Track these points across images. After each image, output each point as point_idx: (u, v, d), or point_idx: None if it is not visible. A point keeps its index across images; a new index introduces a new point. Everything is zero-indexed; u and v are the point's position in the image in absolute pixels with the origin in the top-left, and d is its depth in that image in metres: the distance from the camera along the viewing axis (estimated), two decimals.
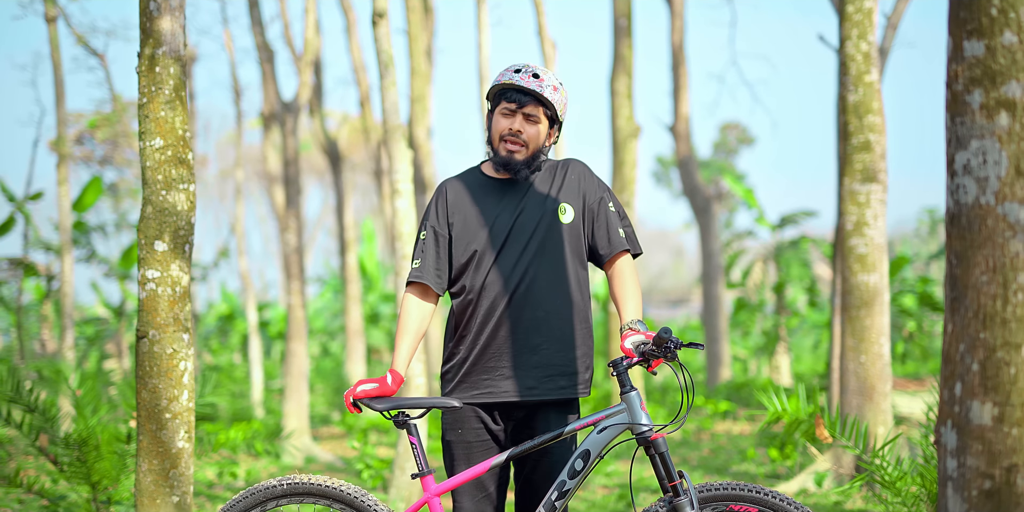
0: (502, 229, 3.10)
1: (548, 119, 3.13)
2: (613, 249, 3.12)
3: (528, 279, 3.08)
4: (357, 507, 3.09)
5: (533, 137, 3.10)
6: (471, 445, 3.10)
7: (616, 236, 3.13)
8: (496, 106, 3.14)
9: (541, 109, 3.10)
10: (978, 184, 1.84)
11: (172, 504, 3.66)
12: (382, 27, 5.94)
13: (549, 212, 3.11)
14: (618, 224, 3.16)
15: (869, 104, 6.15)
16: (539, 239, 3.09)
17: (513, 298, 3.07)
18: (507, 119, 3.10)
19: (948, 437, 1.89)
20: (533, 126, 3.10)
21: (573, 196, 3.14)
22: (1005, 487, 1.83)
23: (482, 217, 3.12)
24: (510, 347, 3.07)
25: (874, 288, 6.09)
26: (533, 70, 3.11)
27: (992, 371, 1.83)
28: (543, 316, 3.08)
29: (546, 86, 3.08)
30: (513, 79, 3.08)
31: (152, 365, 3.66)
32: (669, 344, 2.80)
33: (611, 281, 3.13)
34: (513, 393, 3.06)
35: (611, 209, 3.16)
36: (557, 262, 3.09)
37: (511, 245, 3.09)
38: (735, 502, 2.91)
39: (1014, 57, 1.82)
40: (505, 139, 3.10)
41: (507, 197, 3.14)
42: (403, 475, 5.94)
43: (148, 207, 3.68)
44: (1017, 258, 1.82)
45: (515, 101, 3.08)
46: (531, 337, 3.07)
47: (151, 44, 3.68)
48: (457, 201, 3.16)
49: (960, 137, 1.87)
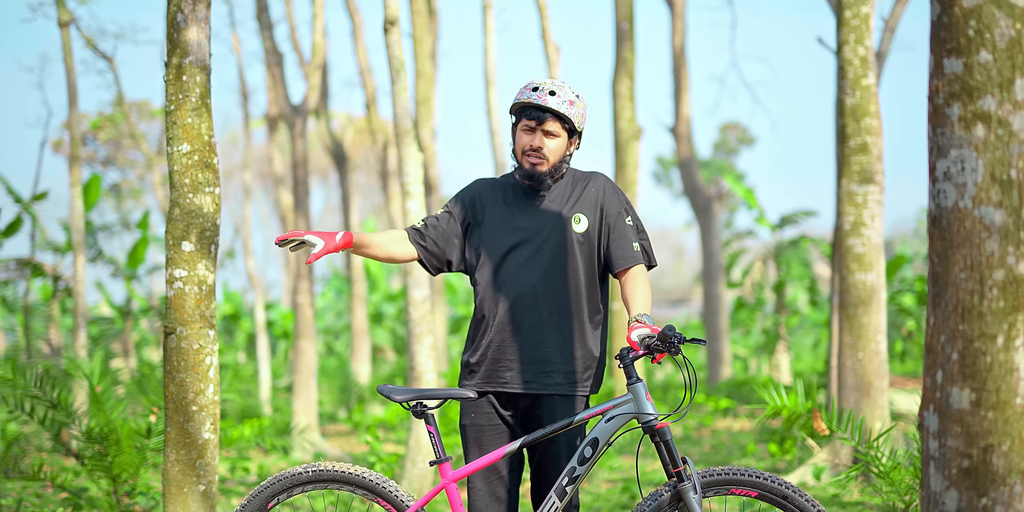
0: (518, 232, 3.32)
1: (567, 131, 3.33)
2: (627, 262, 3.32)
3: (536, 281, 3.28)
4: (379, 493, 3.27)
5: (553, 151, 3.31)
6: (483, 428, 3.31)
7: (630, 250, 3.33)
8: (518, 122, 3.36)
9: (559, 124, 3.30)
10: (957, 189, 2.03)
11: (199, 493, 3.83)
12: (393, 34, 6.11)
13: (564, 220, 3.32)
14: (634, 238, 3.35)
15: (866, 107, 6.32)
16: (550, 244, 3.30)
17: (522, 297, 3.28)
18: (528, 135, 3.31)
19: (930, 420, 2.07)
20: (553, 140, 3.31)
21: (590, 208, 3.35)
22: (982, 465, 2.01)
23: (502, 218, 3.35)
24: (515, 342, 3.28)
25: (871, 287, 6.26)
26: (550, 87, 3.30)
27: (970, 360, 2.02)
28: (547, 316, 3.28)
29: (562, 102, 3.27)
30: (531, 98, 3.28)
31: (180, 360, 3.83)
32: (673, 339, 2.99)
33: (623, 286, 3.33)
34: (514, 384, 3.28)
35: (628, 223, 3.36)
36: (565, 268, 3.30)
37: (524, 247, 3.30)
38: (736, 486, 3.09)
39: (989, 74, 2.00)
40: (528, 154, 3.31)
41: (529, 202, 3.36)
42: (414, 468, 6.11)
43: (176, 209, 3.85)
44: (992, 257, 2.00)
45: (535, 118, 3.28)
46: (533, 335, 3.28)
47: (178, 54, 3.85)
48: (484, 198, 3.39)
49: (941, 146, 2.05)
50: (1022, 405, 2.01)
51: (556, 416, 3.28)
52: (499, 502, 3.29)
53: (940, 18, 2.05)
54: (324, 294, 22.68)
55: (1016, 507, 2.01)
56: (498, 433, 3.31)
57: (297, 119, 10.11)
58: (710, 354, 14.59)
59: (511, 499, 3.31)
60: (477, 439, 3.31)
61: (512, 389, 3.28)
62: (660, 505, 3.09)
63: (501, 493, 3.29)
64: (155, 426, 5.67)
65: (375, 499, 3.31)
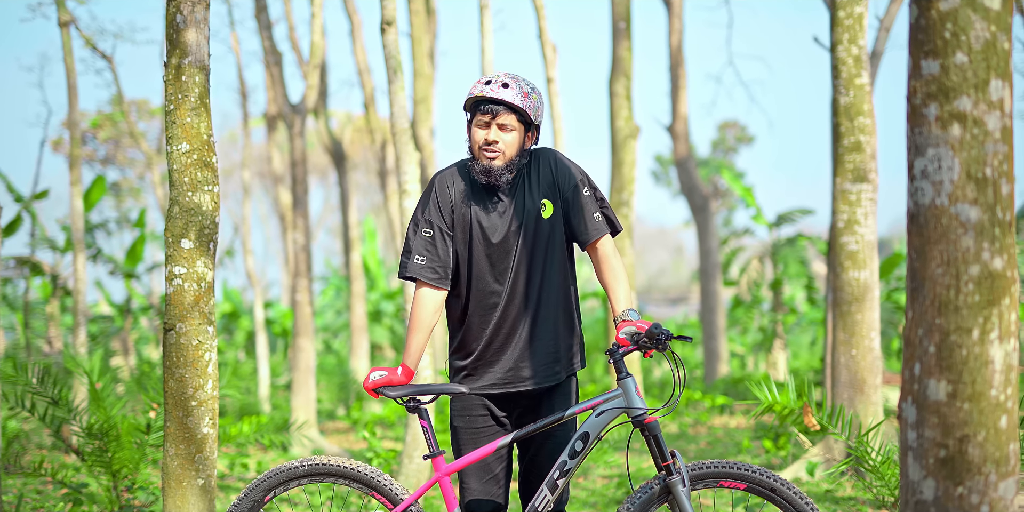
0: (493, 232, 3.30)
1: (523, 124, 3.30)
2: (591, 235, 3.32)
3: (523, 277, 3.30)
4: (374, 487, 3.33)
5: (509, 144, 3.27)
6: (478, 431, 3.34)
7: (592, 222, 3.32)
8: (472, 117, 3.32)
9: (514, 117, 3.26)
10: (934, 187, 2.09)
11: (197, 487, 3.88)
12: (390, 34, 6.17)
13: (535, 211, 3.30)
14: (594, 208, 3.34)
15: (860, 106, 6.37)
16: (528, 239, 3.29)
17: (510, 297, 3.30)
18: (483, 130, 3.28)
19: (908, 412, 2.13)
20: (508, 134, 3.27)
21: (549, 190, 3.33)
22: (958, 455, 2.08)
23: (478, 221, 3.31)
24: (511, 342, 3.30)
25: (864, 284, 6.31)
26: (503, 80, 3.27)
27: (946, 353, 2.08)
28: (538, 311, 3.30)
29: (516, 94, 3.24)
30: (483, 91, 3.26)
31: (179, 356, 3.89)
32: (661, 337, 3.06)
33: (596, 266, 3.34)
34: (519, 384, 3.30)
35: (585, 194, 3.33)
36: (545, 257, 3.31)
37: (503, 246, 3.30)
38: (724, 479, 3.16)
39: (965, 75, 2.06)
40: (483, 149, 3.28)
41: (498, 200, 3.32)
42: (411, 463, 6.17)
43: (175, 207, 3.91)
44: (968, 252, 2.06)
45: (488, 112, 3.26)
46: (528, 331, 3.30)
47: (178, 54, 3.91)
48: (452, 198, 3.34)
49: (918, 145, 2.11)
50: (996, 397, 2.07)
51: (555, 406, 3.33)
52: (491, 497, 3.35)
53: (918, 21, 2.11)
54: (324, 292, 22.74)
55: (991, 495, 2.07)
56: (492, 434, 3.34)
57: (296, 118, 10.17)
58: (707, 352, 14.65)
59: (502, 494, 3.37)
60: (473, 442, 3.33)
61: (513, 389, 3.30)
62: (650, 498, 3.15)
63: (493, 489, 3.34)
64: (155, 422, 5.73)
65: (370, 493, 3.37)
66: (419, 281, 3.31)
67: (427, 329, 3.31)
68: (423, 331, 3.30)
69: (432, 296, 3.31)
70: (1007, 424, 2.09)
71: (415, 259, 3.31)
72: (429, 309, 3.30)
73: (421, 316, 3.30)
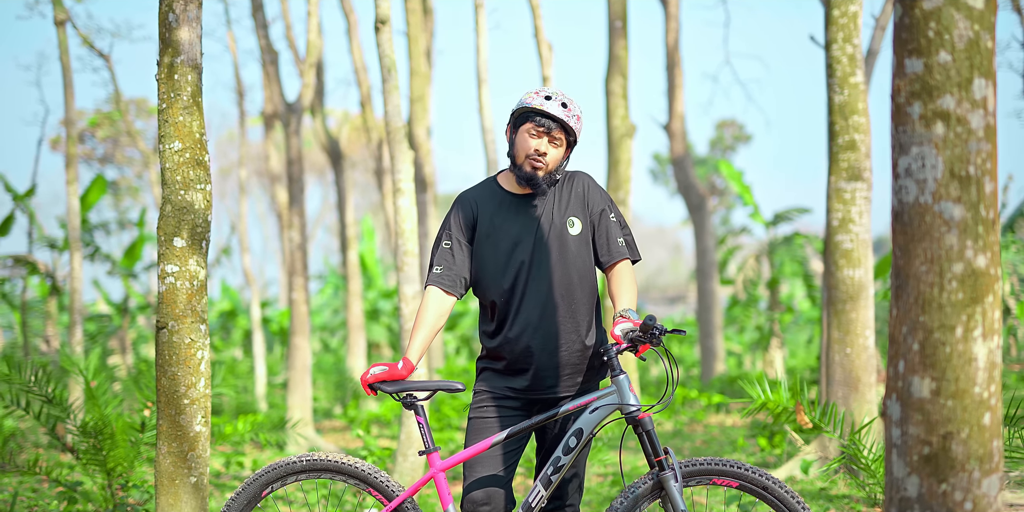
0: (521, 243, 3.40)
1: (567, 143, 3.43)
2: (612, 257, 3.44)
3: (545, 288, 3.38)
4: (370, 483, 3.34)
5: (554, 159, 3.40)
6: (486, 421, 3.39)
7: (616, 245, 3.44)
8: (521, 125, 3.42)
9: (564, 135, 3.40)
10: (918, 185, 2.10)
11: (190, 485, 3.89)
12: (384, 33, 6.18)
13: (560, 226, 3.41)
14: (618, 234, 3.46)
15: (854, 105, 6.38)
16: (554, 252, 3.39)
17: (536, 304, 3.37)
18: (536, 139, 3.39)
19: (893, 409, 2.14)
20: (556, 149, 3.40)
21: (579, 208, 3.45)
22: (941, 452, 2.09)
23: (502, 231, 3.42)
24: (533, 350, 3.37)
25: (859, 283, 6.32)
26: (562, 99, 3.40)
27: (930, 350, 2.09)
28: (561, 322, 3.38)
29: (571, 116, 3.39)
30: (545, 106, 3.37)
31: (171, 354, 3.90)
32: (654, 330, 3.08)
33: (609, 282, 3.44)
34: (541, 392, 3.38)
35: (612, 219, 3.46)
36: (571, 271, 3.40)
37: (530, 258, 3.39)
38: (716, 476, 3.17)
39: (948, 74, 2.07)
40: (531, 157, 3.38)
41: (524, 212, 3.44)
42: (405, 461, 6.18)
43: (167, 206, 3.92)
44: (952, 250, 2.07)
45: (543, 126, 3.37)
46: (550, 341, 3.37)
47: (170, 53, 3.92)
48: (479, 215, 3.46)
49: (902, 144, 2.12)
50: (980, 394, 2.08)
51: None
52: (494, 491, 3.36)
53: (902, 19, 2.12)
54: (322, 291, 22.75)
55: (974, 492, 2.08)
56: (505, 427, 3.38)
57: (292, 117, 10.18)
58: (704, 350, 14.66)
59: (506, 488, 3.39)
60: (479, 430, 3.38)
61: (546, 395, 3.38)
62: (642, 493, 3.17)
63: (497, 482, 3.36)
64: (149, 420, 5.74)
65: (366, 489, 3.38)
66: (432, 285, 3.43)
67: (432, 329, 3.40)
68: (428, 329, 3.39)
69: (439, 299, 3.41)
70: (990, 421, 2.10)
71: (435, 270, 3.46)
72: (435, 311, 3.40)
73: (426, 316, 3.39)
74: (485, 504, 3.31)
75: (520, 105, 3.42)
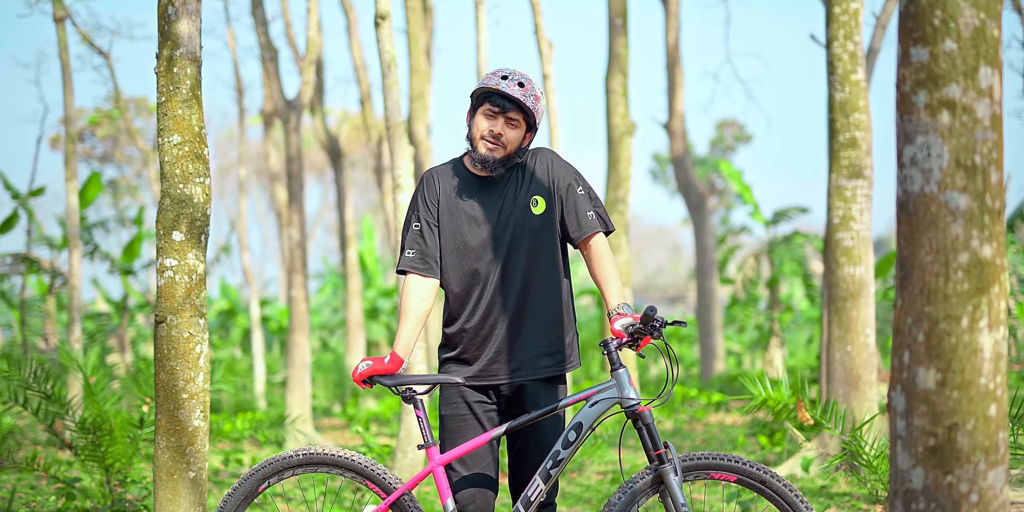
0: (483, 224, 3.33)
1: (526, 124, 3.35)
2: (583, 232, 3.35)
3: (510, 269, 3.31)
4: (368, 476, 3.32)
5: (511, 140, 3.32)
6: (464, 418, 3.34)
7: (585, 219, 3.35)
8: (479, 106, 3.35)
9: (522, 115, 3.32)
10: (923, 175, 2.08)
11: (188, 479, 3.87)
12: (384, 28, 6.16)
13: (523, 206, 3.33)
14: (588, 207, 3.37)
15: (855, 102, 6.36)
16: (518, 232, 3.32)
17: (497, 288, 3.31)
18: (489, 121, 3.32)
19: (898, 400, 2.12)
20: (513, 130, 3.32)
21: (543, 187, 3.37)
22: (947, 444, 2.06)
23: (466, 212, 3.35)
24: (496, 333, 3.31)
25: (860, 280, 6.30)
26: (519, 78, 3.32)
27: (935, 341, 2.07)
28: (524, 303, 3.31)
29: (529, 96, 3.31)
30: (500, 85, 3.29)
31: (170, 348, 3.88)
32: (655, 322, 3.05)
33: (589, 263, 3.36)
34: (502, 376, 3.31)
35: (580, 192, 3.37)
36: (535, 252, 3.33)
37: (491, 240, 3.32)
38: (715, 470, 3.15)
39: (954, 62, 2.05)
40: (485, 138, 3.32)
41: (487, 193, 3.37)
42: (404, 458, 6.16)
43: (166, 199, 3.90)
44: (957, 240, 2.05)
45: (499, 106, 3.30)
46: (514, 323, 3.31)
47: (169, 46, 3.90)
48: (442, 194, 3.39)
49: (908, 133, 2.10)
50: (986, 385, 2.06)
51: (540, 399, 3.32)
52: (480, 487, 3.34)
53: (907, 8, 2.10)
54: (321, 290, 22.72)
55: (980, 484, 2.06)
56: (480, 423, 3.34)
57: (292, 113, 10.16)
58: (703, 349, 14.65)
59: (491, 485, 3.36)
60: (459, 429, 3.34)
61: (499, 381, 3.31)
62: (642, 487, 3.14)
63: (482, 479, 3.34)
64: (148, 416, 5.72)
65: (364, 482, 3.36)
66: (408, 271, 3.37)
67: (416, 316, 3.34)
68: (412, 318, 3.33)
69: (419, 283, 3.35)
70: (996, 412, 2.08)
71: (406, 253, 3.39)
72: (416, 296, 3.34)
73: (408, 303, 3.35)
74: (471, 503, 3.29)
75: (477, 86, 3.36)
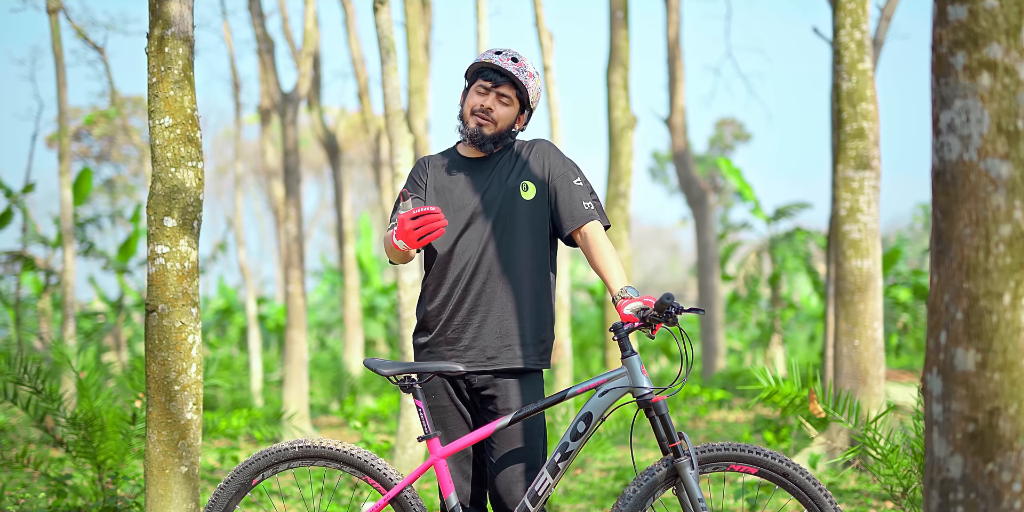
0: (466, 205, 3.21)
1: (520, 102, 3.24)
2: (578, 221, 3.19)
3: (488, 253, 3.18)
4: (367, 470, 3.18)
5: (503, 117, 3.21)
6: (444, 409, 3.20)
7: (580, 209, 3.20)
8: (472, 83, 3.26)
9: (515, 92, 3.22)
10: (961, 141, 1.94)
11: (181, 474, 3.73)
12: (383, 13, 6.03)
13: (512, 189, 3.21)
14: (583, 198, 3.23)
15: (863, 92, 6.24)
16: (501, 216, 3.19)
17: (473, 271, 3.17)
18: (481, 96, 3.22)
19: (933, 383, 1.98)
20: (504, 107, 3.21)
21: (536, 174, 3.25)
22: (988, 429, 1.92)
23: (450, 193, 3.24)
24: (470, 319, 3.17)
25: (867, 273, 6.18)
26: (513, 54, 3.24)
27: (975, 319, 1.93)
28: (502, 291, 3.17)
29: (522, 71, 3.21)
30: (493, 60, 3.20)
31: (161, 338, 3.74)
32: (671, 309, 2.89)
33: (587, 253, 3.20)
34: (476, 364, 3.16)
35: (575, 183, 3.24)
36: (517, 238, 3.19)
37: (474, 221, 3.20)
38: (735, 462, 2.99)
39: (995, 20, 1.92)
40: (476, 114, 3.21)
41: (475, 175, 3.26)
42: (404, 454, 6.03)
43: (157, 184, 3.76)
44: (999, 211, 1.91)
45: (491, 80, 3.20)
46: (489, 309, 3.16)
47: (160, 25, 3.76)
48: (432, 175, 3.30)
49: (944, 97, 1.96)
50: None
51: (510, 393, 3.16)
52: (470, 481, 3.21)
53: None
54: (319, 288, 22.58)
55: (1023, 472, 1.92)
56: (461, 414, 3.21)
57: (289, 107, 10.02)
58: (705, 346, 14.52)
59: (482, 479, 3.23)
60: (441, 421, 3.20)
61: (475, 368, 3.16)
62: (655, 482, 2.99)
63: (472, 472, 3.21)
64: (140, 412, 5.58)
65: (363, 477, 3.22)
66: None
67: None
68: None
69: None
70: None
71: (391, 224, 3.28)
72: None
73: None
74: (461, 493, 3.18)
75: (472, 63, 3.27)
